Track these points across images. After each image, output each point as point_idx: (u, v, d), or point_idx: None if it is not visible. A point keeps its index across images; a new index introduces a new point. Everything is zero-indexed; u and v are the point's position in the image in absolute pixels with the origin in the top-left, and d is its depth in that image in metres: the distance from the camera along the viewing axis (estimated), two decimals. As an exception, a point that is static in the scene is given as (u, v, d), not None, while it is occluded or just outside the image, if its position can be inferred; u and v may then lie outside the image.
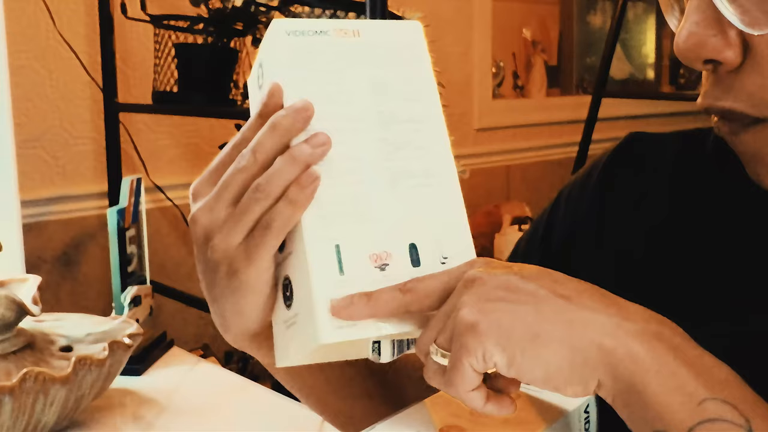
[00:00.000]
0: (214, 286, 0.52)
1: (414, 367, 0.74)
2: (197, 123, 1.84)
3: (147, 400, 1.07)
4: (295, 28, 0.50)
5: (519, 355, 0.44)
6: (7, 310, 0.91)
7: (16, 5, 1.57)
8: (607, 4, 2.88)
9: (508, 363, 0.44)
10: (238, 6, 1.43)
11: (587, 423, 0.52)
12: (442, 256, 0.49)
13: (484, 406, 0.46)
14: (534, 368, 0.44)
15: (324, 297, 0.46)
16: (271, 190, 0.48)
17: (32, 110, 1.64)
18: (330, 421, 0.72)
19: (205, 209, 0.50)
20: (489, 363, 0.44)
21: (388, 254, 0.48)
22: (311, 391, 0.68)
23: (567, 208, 0.69)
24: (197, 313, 1.85)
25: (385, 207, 0.49)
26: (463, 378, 0.45)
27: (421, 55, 0.53)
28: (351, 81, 0.50)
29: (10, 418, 0.85)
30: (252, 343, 0.56)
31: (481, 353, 0.44)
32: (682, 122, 2.98)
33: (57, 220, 1.69)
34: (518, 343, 0.44)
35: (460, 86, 2.40)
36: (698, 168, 0.63)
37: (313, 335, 0.46)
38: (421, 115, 0.51)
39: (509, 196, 2.57)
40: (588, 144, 2.29)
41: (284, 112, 0.48)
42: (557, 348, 0.44)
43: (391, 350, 0.49)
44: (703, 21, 0.48)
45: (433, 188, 0.50)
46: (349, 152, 0.49)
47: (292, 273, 0.49)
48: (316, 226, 0.47)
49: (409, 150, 0.50)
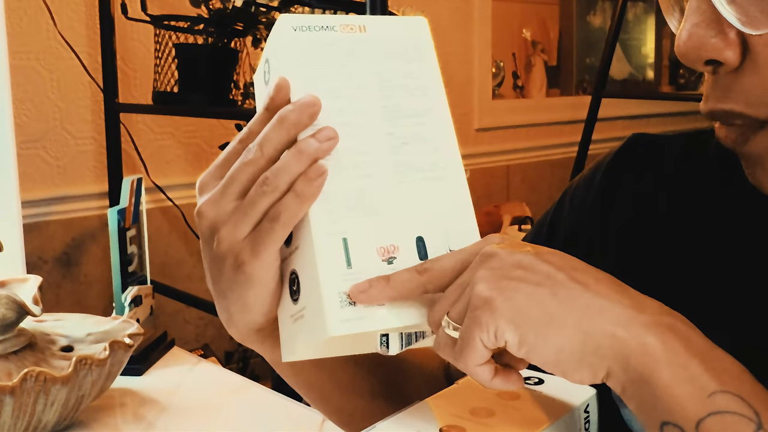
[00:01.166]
0: (220, 279, 0.52)
1: (417, 367, 0.74)
2: (197, 123, 1.85)
3: (147, 400, 1.07)
4: (302, 24, 0.51)
5: (532, 336, 0.44)
6: (8, 310, 0.91)
7: (16, 5, 1.58)
8: (607, 4, 2.88)
9: (520, 343, 0.44)
10: (238, 6, 1.43)
11: (587, 423, 0.53)
12: (449, 248, 0.49)
13: (491, 381, 0.47)
14: (545, 351, 0.44)
15: (332, 290, 0.46)
16: (279, 184, 0.48)
17: (32, 110, 1.64)
18: (331, 418, 0.72)
19: (211, 202, 0.51)
20: (500, 340, 0.45)
21: (395, 247, 0.48)
22: (313, 387, 0.68)
23: (570, 208, 0.69)
24: (197, 313, 1.85)
25: (392, 200, 0.49)
26: (473, 352, 0.45)
27: (427, 50, 0.53)
28: (357, 76, 0.51)
29: (11, 418, 0.85)
30: (256, 338, 0.57)
31: (494, 330, 0.44)
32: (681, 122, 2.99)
33: (57, 220, 1.69)
34: (532, 324, 0.44)
35: (460, 86, 2.40)
36: (700, 170, 0.63)
37: (321, 328, 0.46)
38: (427, 109, 0.52)
39: (509, 196, 2.57)
40: (588, 144, 2.29)
41: (291, 107, 0.49)
42: (570, 333, 0.44)
43: (399, 343, 0.49)
44: (702, 22, 0.49)
45: (439, 181, 0.50)
46: (356, 147, 0.49)
47: (300, 267, 0.49)
48: (323, 220, 0.48)
49: (415, 144, 0.50)
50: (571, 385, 0.54)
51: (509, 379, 0.47)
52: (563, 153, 2.66)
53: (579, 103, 2.61)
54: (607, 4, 2.88)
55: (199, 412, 1.05)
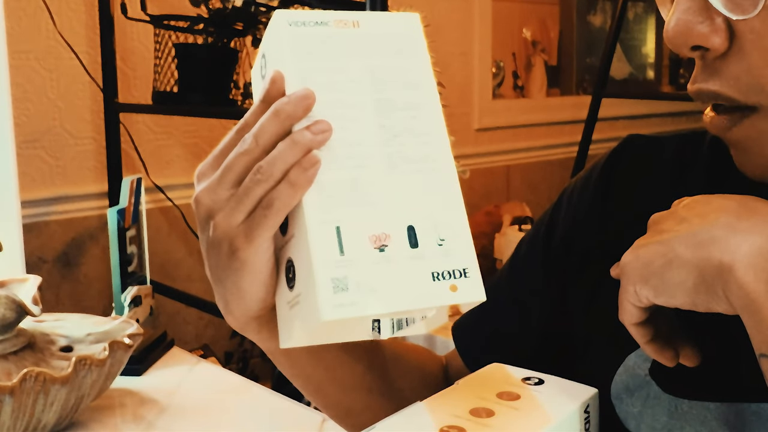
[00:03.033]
0: (217, 266, 0.53)
1: (417, 367, 0.74)
2: (197, 123, 1.85)
3: (147, 401, 1.07)
4: (297, 19, 0.52)
5: (660, 283, 0.48)
6: (8, 310, 0.91)
7: (16, 5, 1.58)
8: (607, 4, 2.88)
9: (655, 294, 0.49)
10: (238, 6, 1.43)
11: (587, 423, 0.53)
12: (439, 237, 0.50)
13: (645, 344, 0.52)
14: (674, 293, 0.48)
15: (325, 276, 0.47)
16: (273, 173, 0.49)
17: (32, 110, 1.64)
18: (327, 412, 0.73)
19: (208, 190, 0.52)
20: (642, 298, 0.50)
21: (386, 236, 0.49)
22: (310, 380, 0.68)
23: (568, 208, 0.70)
24: (197, 313, 1.85)
25: (383, 191, 0.50)
26: (624, 312, 0.51)
27: (419, 45, 0.54)
28: (350, 70, 0.52)
29: (11, 418, 0.85)
30: (253, 327, 0.58)
31: (633, 290, 0.50)
32: (681, 122, 2.99)
33: (57, 220, 1.69)
34: (656, 273, 0.48)
35: (460, 86, 2.40)
36: (695, 169, 0.63)
37: (315, 313, 0.47)
38: (419, 102, 0.53)
39: (509, 196, 2.58)
40: (588, 144, 2.29)
41: (287, 99, 0.50)
42: (689, 268, 0.47)
43: (390, 328, 0.50)
44: (690, 8, 0.51)
45: (430, 173, 0.51)
46: (349, 138, 0.50)
47: (295, 255, 0.50)
48: (317, 209, 0.49)
49: (407, 136, 0.52)
50: (571, 385, 0.54)
51: (661, 353, 0.52)
52: (563, 153, 2.66)
53: (579, 103, 2.61)
54: (607, 4, 2.88)
55: (199, 412, 1.05)
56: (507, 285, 0.73)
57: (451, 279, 0.49)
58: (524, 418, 0.50)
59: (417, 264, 0.49)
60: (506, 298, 0.73)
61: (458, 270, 0.49)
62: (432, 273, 0.49)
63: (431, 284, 0.48)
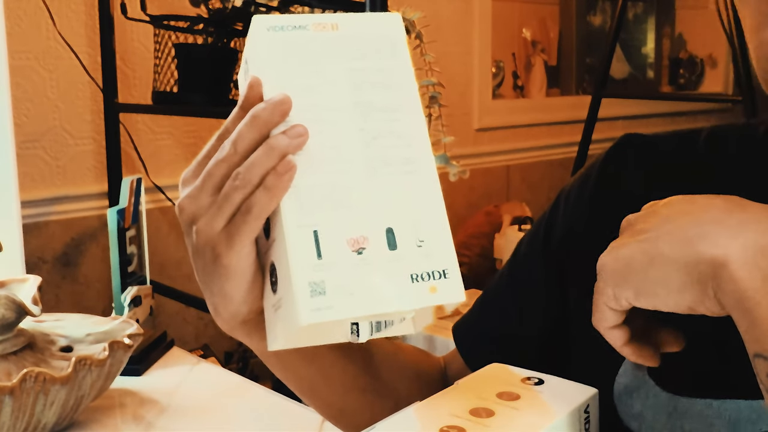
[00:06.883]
0: (203, 272, 0.54)
1: (413, 368, 0.74)
2: (197, 123, 1.85)
3: (147, 401, 1.07)
4: (275, 24, 0.52)
5: (642, 283, 0.46)
6: (7, 311, 0.91)
7: (16, 5, 1.58)
8: (607, 4, 2.88)
9: (635, 294, 0.47)
10: (238, 6, 1.43)
11: (587, 423, 0.53)
12: (419, 239, 0.50)
13: (622, 347, 0.51)
14: (657, 292, 0.46)
15: (302, 280, 0.48)
16: (250, 178, 0.49)
17: (32, 110, 1.64)
18: (322, 412, 0.73)
19: (190, 197, 0.53)
20: (621, 300, 0.48)
21: (364, 238, 0.49)
22: (302, 381, 0.68)
23: (566, 208, 0.70)
24: (197, 313, 1.85)
25: (362, 194, 0.50)
26: (600, 316, 0.50)
27: (399, 45, 0.54)
28: (329, 73, 0.52)
29: (11, 418, 0.85)
30: (243, 330, 0.58)
31: (611, 292, 0.48)
32: (681, 122, 2.99)
33: (57, 220, 1.69)
34: (637, 272, 0.46)
35: (460, 86, 2.40)
36: (692, 169, 0.63)
37: (294, 317, 0.48)
38: (399, 104, 0.52)
39: (509, 196, 2.57)
40: (588, 144, 2.29)
41: (263, 105, 0.50)
42: (673, 266, 0.46)
43: (369, 330, 0.50)
44: None
45: (410, 175, 0.51)
46: (328, 142, 0.50)
47: (276, 259, 0.51)
48: (294, 213, 0.49)
49: (387, 139, 0.51)
50: (571, 385, 0.54)
51: (641, 353, 0.51)
52: (563, 153, 2.66)
53: (579, 103, 2.60)
54: (607, 4, 2.88)
55: (199, 412, 1.05)
56: (507, 285, 0.73)
57: (431, 280, 0.49)
58: (524, 418, 0.50)
59: (395, 266, 0.49)
60: (506, 299, 0.73)
61: (438, 271, 0.49)
62: (411, 275, 0.49)
63: (410, 286, 0.48)
